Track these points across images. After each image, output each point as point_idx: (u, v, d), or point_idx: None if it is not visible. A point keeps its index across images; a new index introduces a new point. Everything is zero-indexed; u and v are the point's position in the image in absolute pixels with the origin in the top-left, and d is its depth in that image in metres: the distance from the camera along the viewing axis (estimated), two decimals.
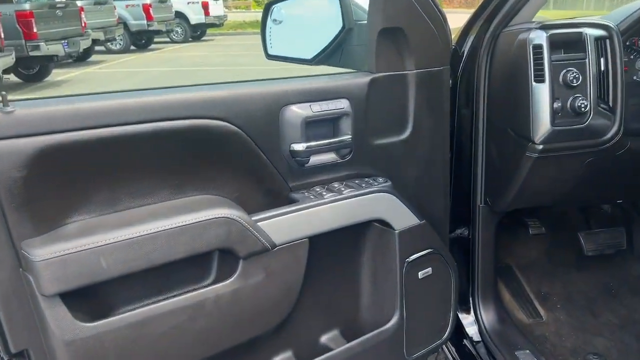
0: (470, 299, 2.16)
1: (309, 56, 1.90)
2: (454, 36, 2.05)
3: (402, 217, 1.70)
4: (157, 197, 1.38)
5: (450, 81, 1.85)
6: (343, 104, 1.59)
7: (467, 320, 2.14)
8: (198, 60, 14.06)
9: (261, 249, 1.42)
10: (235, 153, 1.45)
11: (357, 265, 1.76)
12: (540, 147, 1.70)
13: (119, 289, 1.31)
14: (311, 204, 1.51)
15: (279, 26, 2.01)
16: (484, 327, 2.11)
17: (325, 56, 1.88)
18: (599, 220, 2.52)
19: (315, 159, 1.59)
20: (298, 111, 1.51)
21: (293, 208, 1.48)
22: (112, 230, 1.24)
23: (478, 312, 2.14)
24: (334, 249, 1.66)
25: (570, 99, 1.72)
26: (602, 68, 1.75)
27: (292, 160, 1.54)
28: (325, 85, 1.57)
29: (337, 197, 1.55)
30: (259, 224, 1.42)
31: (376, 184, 1.66)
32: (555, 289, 2.34)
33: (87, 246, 1.19)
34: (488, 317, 2.13)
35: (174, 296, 1.35)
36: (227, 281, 1.40)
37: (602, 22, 1.81)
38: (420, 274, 1.77)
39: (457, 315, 2.03)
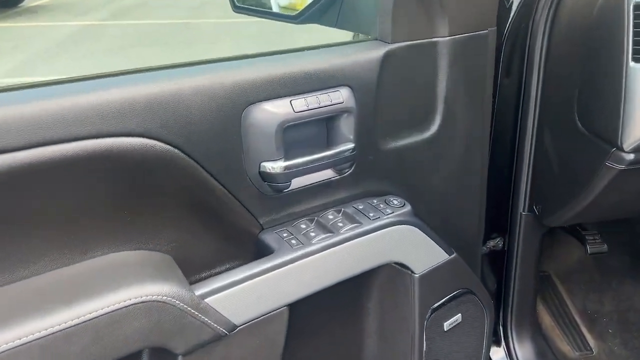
0: (501, 328, 1.69)
1: (293, 11, 1.31)
2: None
3: (425, 255, 1.19)
4: (50, 261, 0.86)
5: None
6: (342, 96, 1.03)
7: (497, 357, 1.67)
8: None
9: (211, 337, 0.91)
10: (170, 183, 0.92)
11: (361, 320, 1.27)
12: (631, 157, 1.16)
13: None
14: (292, 255, 0.99)
15: None
16: None
17: (317, 11, 1.29)
18: None
19: (299, 181, 1.05)
20: (271, 111, 0.96)
21: (263, 267, 0.96)
22: None
23: (511, 345, 1.67)
24: (327, 305, 1.15)
25: None
26: None
27: (264, 186, 1.01)
28: (314, 67, 1.01)
29: (333, 240, 1.03)
30: (207, 300, 0.90)
31: (389, 211, 1.13)
32: (605, 306, 1.87)
33: None
34: (524, 351, 1.67)
35: None
36: None
37: None
38: (447, 325, 1.28)
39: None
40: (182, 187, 0.93)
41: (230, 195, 0.97)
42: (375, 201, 1.15)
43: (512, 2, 1.44)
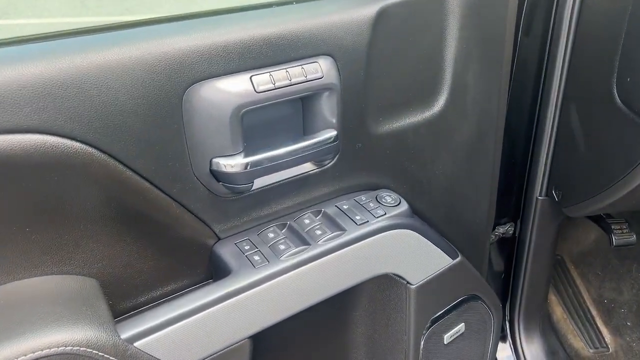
0: (507, 324, 1.50)
1: None
2: None
3: (425, 262, 0.97)
4: None
5: None
6: (321, 68, 0.79)
7: (502, 355, 1.49)
8: None
9: None
10: (88, 191, 0.69)
11: (347, 333, 1.07)
12: None
13: None
14: (253, 278, 0.77)
15: None
16: None
17: None
18: None
19: (265, 179, 0.82)
20: (223, 91, 0.72)
21: (214, 295, 0.74)
22: None
23: (518, 341, 1.49)
24: (305, 318, 0.95)
25: None
26: None
27: (217, 186, 0.78)
28: (283, 31, 0.76)
29: (307, 255, 0.81)
30: (138, 344, 0.69)
31: (381, 211, 0.90)
32: (623, 294, 1.67)
33: None
34: (532, 348, 1.48)
35: None
36: None
37: None
38: (448, 337, 1.08)
39: None
40: (107, 196, 0.70)
41: (172, 201, 0.75)
42: (364, 198, 0.92)
43: None
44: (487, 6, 0.94)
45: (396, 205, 0.92)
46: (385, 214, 0.90)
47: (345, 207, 0.90)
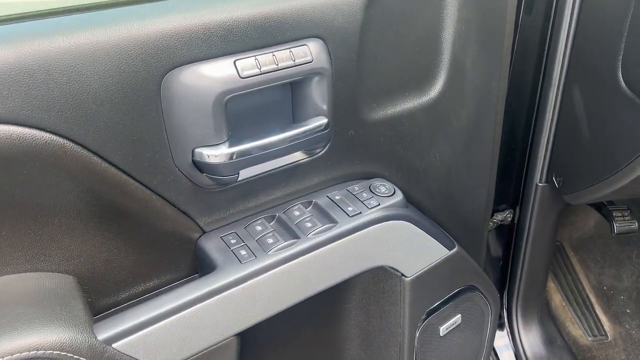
0: (505, 312, 1.47)
1: None
2: None
3: (420, 254, 0.94)
4: None
5: None
6: (311, 52, 0.74)
7: (500, 343, 1.47)
8: None
9: None
10: (61, 184, 0.64)
11: (340, 325, 1.04)
12: None
13: None
14: (239, 275, 0.73)
15: None
16: (523, 352, 1.45)
17: None
18: None
19: (253, 169, 0.78)
20: (205, 76, 0.68)
21: (198, 292, 0.70)
22: None
23: (516, 329, 1.46)
24: (295, 311, 0.92)
25: None
26: None
27: (201, 177, 0.74)
28: (269, 11, 0.71)
29: (296, 250, 0.77)
30: (117, 345, 0.65)
31: (375, 202, 0.86)
32: (623, 281, 1.64)
33: None
34: (530, 337, 1.46)
35: None
36: None
37: None
38: (444, 329, 1.05)
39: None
40: (82, 189, 0.66)
41: (152, 193, 0.71)
42: (357, 188, 0.88)
43: None
44: None
45: (390, 195, 0.88)
46: (379, 204, 0.86)
47: (337, 197, 0.86)
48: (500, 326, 1.48)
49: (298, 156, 0.83)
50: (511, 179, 1.35)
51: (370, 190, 0.88)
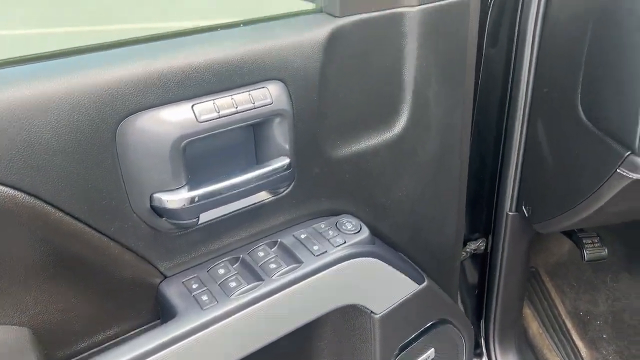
0: (483, 341, 1.46)
1: None
2: None
3: (389, 290, 0.93)
4: None
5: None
6: (270, 94, 0.74)
7: None
8: None
9: None
10: (12, 235, 0.63)
11: None
12: None
13: None
14: (199, 321, 0.72)
15: None
16: None
17: None
18: None
19: (215, 211, 0.78)
20: (162, 121, 0.67)
21: (157, 342, 0.69)
22: None
23: (494, 357, 1.45)
24: (265, 350, 0.90)
25: None
26: None
27: (160, 221, 0.73)
28: (228, 55, 0.71)
29: (260, 292, 0.76)
30: None
31: (340, 240, 0.86)
32: (598, 306, 1.65)
33: None
34: None
35: None
36: None
37: None
38: None
39: None
40: (36, 239, 0.64)
41: (110, 240, 0.69)
42: (323, 226, 0.88)
43: None
44: (447, 25, 0.90)
45: (356, 232, 0.88)
46: (345, 242, 0.86)
47: (303, 236, 0.85)
48: (479, 355, 1.47)
49: (262, 196, 0.83)
50: (482, 209, 1.36)
51: (337, 227, 0.88)
